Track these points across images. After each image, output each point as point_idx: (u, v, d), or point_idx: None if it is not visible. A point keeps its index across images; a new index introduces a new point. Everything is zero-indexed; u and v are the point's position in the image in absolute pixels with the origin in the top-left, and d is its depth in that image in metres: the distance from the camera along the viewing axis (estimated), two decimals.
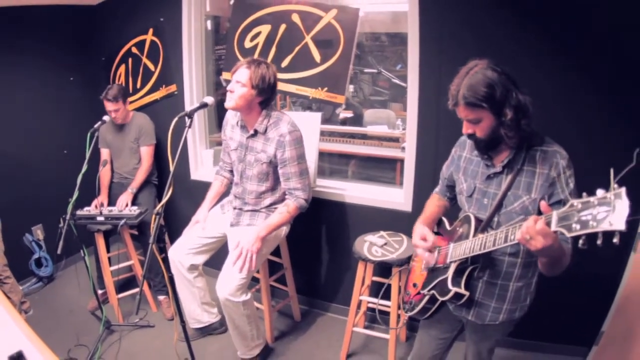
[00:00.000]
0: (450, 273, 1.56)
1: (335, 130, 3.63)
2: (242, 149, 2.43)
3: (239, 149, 2.45)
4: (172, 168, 1.96)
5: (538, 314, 2.01)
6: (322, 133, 3.32)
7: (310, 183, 2.42)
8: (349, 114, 4.33)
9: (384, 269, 2.66)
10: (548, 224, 1.14)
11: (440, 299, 1.61)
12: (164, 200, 1.93)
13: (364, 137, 3.62)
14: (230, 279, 2.26)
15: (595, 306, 2.24)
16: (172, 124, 1.96)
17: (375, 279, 2.67)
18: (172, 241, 2.64)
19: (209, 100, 2.15)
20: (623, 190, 0.96)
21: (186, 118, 2.02)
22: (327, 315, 3.10)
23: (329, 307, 3.11)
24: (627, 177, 1.02)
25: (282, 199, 2.46)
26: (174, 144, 3.15)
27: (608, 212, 0.97)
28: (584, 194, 1.05)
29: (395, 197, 2.75)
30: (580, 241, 1.04)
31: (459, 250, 1.55)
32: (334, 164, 3.54)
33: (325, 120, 3.80)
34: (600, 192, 1.00)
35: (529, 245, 1.19)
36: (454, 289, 1.52)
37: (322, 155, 3.30)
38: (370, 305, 2.75)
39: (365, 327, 2.86)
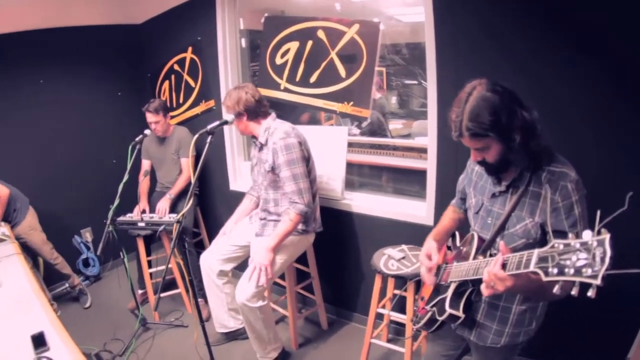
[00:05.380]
0: (449, 294, 1.54)
1: (365, 142, 3.63)
2: (258, 164, 2.62)
3: (258, 163, 2.63)
4: (193, 180, 2.10)
5: (558, 338, 1.96)
6: (355, 145, 3.38)
7: (309, 187, 2.48)
8: (398, 125, 4.32)
9: (405, 282, 2.67)
10: (521, 263, 1.10)
11: (438, 318, 1.60)
12: (185, 210, 2.10)
13: (395, 148, 3.61)
14: (248, 286, 2.40)
15: (619, 331, 2.13)
16: (193, 141, 2.12)
17: (397, 292, 2.68)
18: None
19: (229, 117, 2.30)
20: (607, 237, 0.88)
21: (207, 135, 2.16)
22: (353, 326, 3.13)
23: (356, 317, 3.15)
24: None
25: None
26: (216, 157, 3.34)
27: (587, 261, 0.90)
28: (570, 234, 0.97)
29: (418, 210, 2.74)
30: (556, 287, 0.97)
31: (458, 271, 1.53)
32: (364, 176, 3.56)
33: (372, 133, 3.81)
34: (586, 235, 0.92)
35: (495, 290, 1.20)
36: (448, 311, 1.51)
37: (353, 167, 3.34)
38: (393, 318, 2.75)
39: (389, 340, 2.87)
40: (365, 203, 2.95)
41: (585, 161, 1.38)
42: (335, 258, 3.09)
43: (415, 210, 2.77)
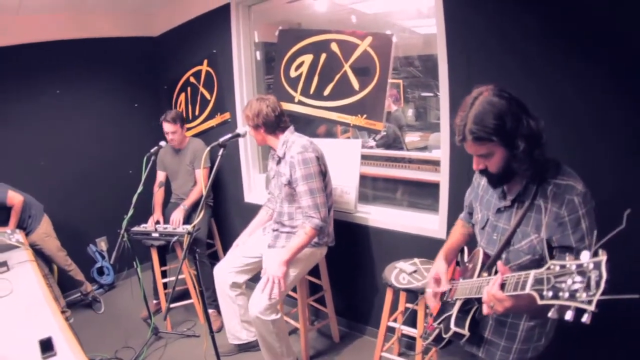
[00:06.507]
0: (454, 311, 1.52)
1: (379, 154, 3.62)
2: (276, 176, 2.62)
3: (275, 176, 2.63)
4: (204, 191, 2.12)
5: (569, 354, 1.89)
6: (370, 158, 3.37)
7: (325, 202, 2.47)
8: (415, 138, 4.30)
9: (417, 296, 2.63)
10: (518, 284, 1.08)
11: (443, 335, 1.57)
12: (196, 221, 2.11)
13: (410, 161, 3.59)
14: (261, 299, 2.39)
15: (634, 349, 2.05)
16: (205, 153, 2.15)
17: (409, 305, 2.64)
18: None
19: (242, 130, 2.31)
20: (604, 260, 0.85)
21: (219, 147, 2.16)
22: (365, 339, 3.09)
23: (367, 330, 3.11)
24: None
25: None
26: (231, 169, 3.35)
27: (582, 284, 0.86)
28: (567, 255, 0.94)
29: (431, 223, 2.71)
30: (552, 310, 0.92)
31: (463, 289, 1.50)
32: (379, 189, 3.54)
33: (387, 146, 3.82)
34: (584, 256, 0.89)
35: (494, 311, 1.18)
36: (453, 329, 1.49)
37: (367, 179, 3.32)
38: (404, 332, 2.71)
39: (400, 354, 2.82)
40: (378, 216, 2.93)
41: (597, 170, 1.32)
42: (347, 270, 3.07)
43: (428, 223, 2.73)
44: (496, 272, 1.39)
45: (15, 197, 3.08)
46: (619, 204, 1.18)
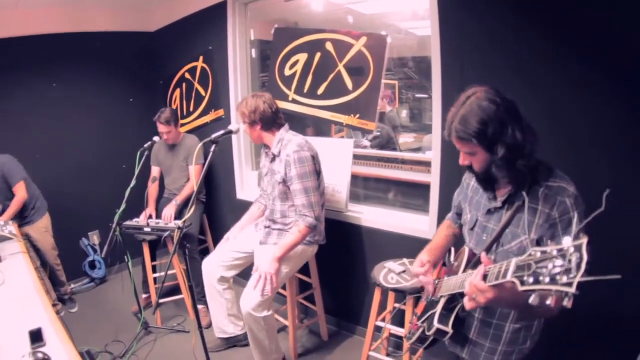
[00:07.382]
0: (438, 309, 1.52)
1: (372, 154, 3.63)
2: (269, 173, 2.63)
3: (268, 173, 2.64)
4: (195, 187, 2.13)
5: (554, 357, 1.90)
6: (362, 157, 3.38)
7: (319, 201, 2.49)
8: (409, 139, 4.31)
9: (405, 295, 2.65)
10: (500, 273, 1.08)
11: (427, 333, 1.57)
12: (186, 216, 2.12)
13: (403, 162, 3.61)
14: (253, 295, 2.40)
15: (618, 352, 2.07)
16: (197, 149, 2.16)
17: (398, 305, 2.66)
18: None
19: (234, 127, 2.31)
20: (584, 242, 0.85)
21: (211, 144, 2.17)
22: (354, 338, 3.11)
23: (357, 329, 3.13)
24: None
25: None
26: (223, 165, 3.35)
27: (563, 268, 0.86)
28: (549, 241, 0.94)
29: (421, 224, 2.73)
30: (533, 296, 0.92)
31: (447, 285, 1.51)
32: (370, 189, 3.55)
33: (381, 146, 3.83)
34: (566, 241, 0.88)
35: (477, 303, 1.18)
36: (436, 326, 1.49)
37: (359, 179, 3.34)
38: (392, 331, 2.73)
39: (388, 354, 2.84)
40: (369, 215, 2.95)
41: (591, 172, 1.33)
42: (337, 269, 3.09)
43: (418, 224, 2.75)
44: None
45: (21, 190, 3.10)
46: (614, 208, 1.20)
